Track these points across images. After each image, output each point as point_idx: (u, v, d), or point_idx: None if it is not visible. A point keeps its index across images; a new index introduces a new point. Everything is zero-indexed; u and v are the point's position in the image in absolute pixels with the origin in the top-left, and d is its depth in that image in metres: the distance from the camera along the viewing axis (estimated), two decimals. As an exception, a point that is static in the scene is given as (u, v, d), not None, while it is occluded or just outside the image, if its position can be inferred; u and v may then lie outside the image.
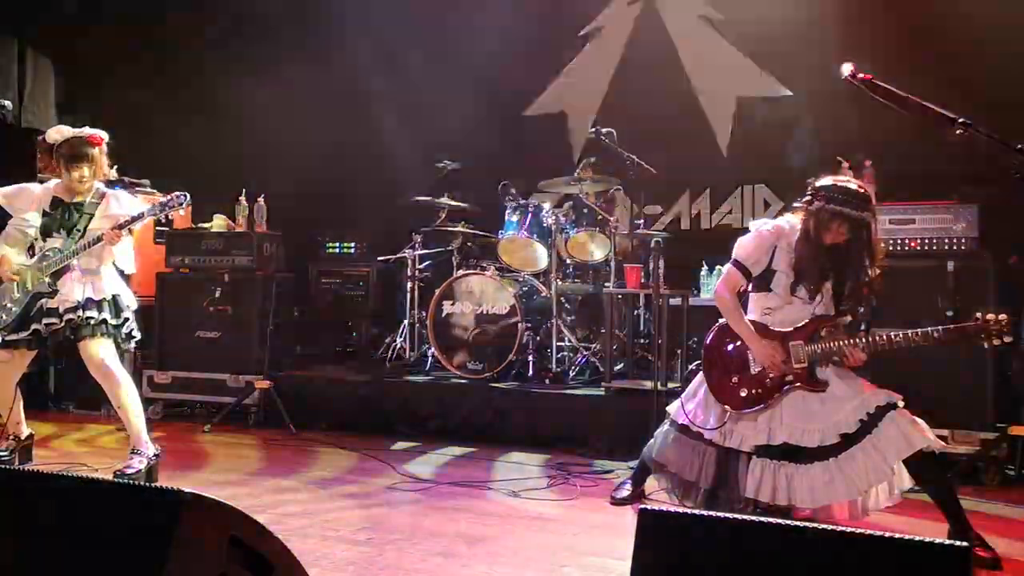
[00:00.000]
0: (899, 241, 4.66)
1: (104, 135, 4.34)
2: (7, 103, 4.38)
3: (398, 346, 6.37)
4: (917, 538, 1.66)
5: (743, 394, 3.58)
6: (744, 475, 3.53)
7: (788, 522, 1.80)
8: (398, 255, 6.61)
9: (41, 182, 4.54)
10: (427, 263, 6.64)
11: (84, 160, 4.25)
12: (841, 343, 3.45)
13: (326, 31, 8.04)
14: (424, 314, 6.11)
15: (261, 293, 6.12)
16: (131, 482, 3.87)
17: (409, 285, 6.44)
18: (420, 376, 6.03)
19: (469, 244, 6.48)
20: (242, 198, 6.39)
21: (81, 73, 7.38)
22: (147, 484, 3.88)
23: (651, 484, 4.13)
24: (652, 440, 3.92)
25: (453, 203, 6.48)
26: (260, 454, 5.21)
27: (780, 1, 6.56)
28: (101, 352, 4.17)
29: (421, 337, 6.31)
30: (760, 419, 3.54)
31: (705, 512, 1.88)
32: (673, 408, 3.84)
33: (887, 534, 1.68)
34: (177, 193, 4.27)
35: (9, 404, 4.42)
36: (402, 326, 6.43)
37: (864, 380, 3.52)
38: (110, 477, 4.25)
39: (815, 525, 1.77)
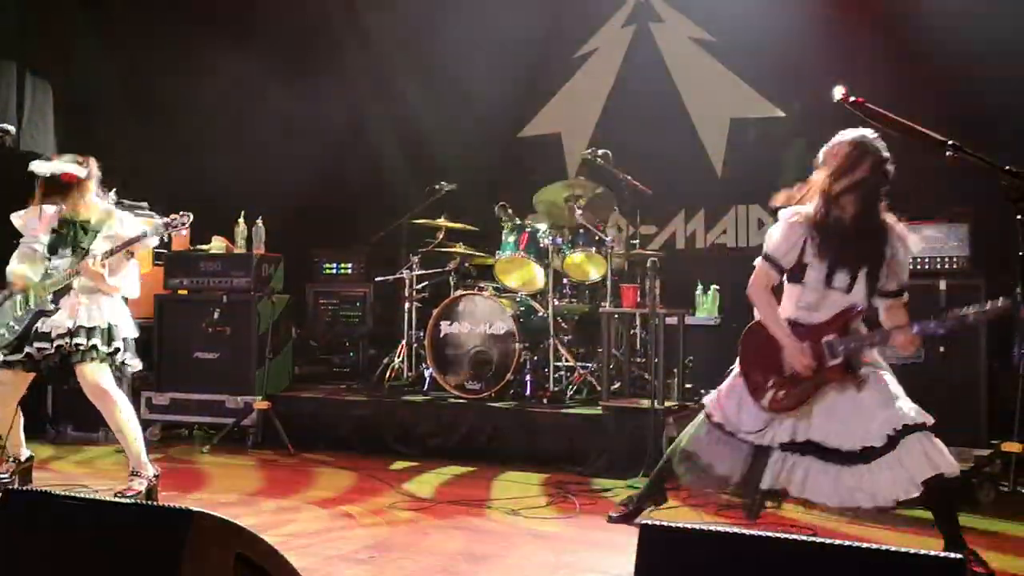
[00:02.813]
0: (892, 260, 4.71)
1: (79, 172, 4.30)
2: (10, 128, 4.39)
3: (396, 366, 6.40)
4: (914, 550, 1.70)
5: (780, 395, 3.45)
6: (764, 469, 3.46)
7: (786, 536, 1.84)
8: (395, 276, 6.65)
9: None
10: (424, 283, 6.68)
11: (58, 195, 4.29)
12: (881, 332, 3.34)
13: (325, 56, 8.12)
14: (422, 334, 6.14)
15: (259, 314, 6.15)
16: (142, 502, 3.89)
17: (407, 305, 6.48)
18: (418, 396, 6.05)
19: (466, 264, 6.52)
20: (240, 220, 6.43)
21: (79, 96, 7.42)
22: (155, 504, 3.89)
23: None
24: (686, 430, 3.79)
25: (450, 224, 6.53)
26: (259, 474, 5.22)
27: (772, 23, 6.66)
28: (96, 375, 4.17)
29: (419, 357, 6.34)
30: (788, 416, 3.45)
31: (706, 527, 1.92)
32: (709, 401, 3.71)
33: (884, 547, 1.71)
34: (181, 213, 4.28)
35: (9, 425, 4.42)
36: (400, 346, 6.46)
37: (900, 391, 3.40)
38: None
39: (814, 539, 1.81)
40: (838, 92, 2.66)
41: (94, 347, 4.17)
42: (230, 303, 6.16)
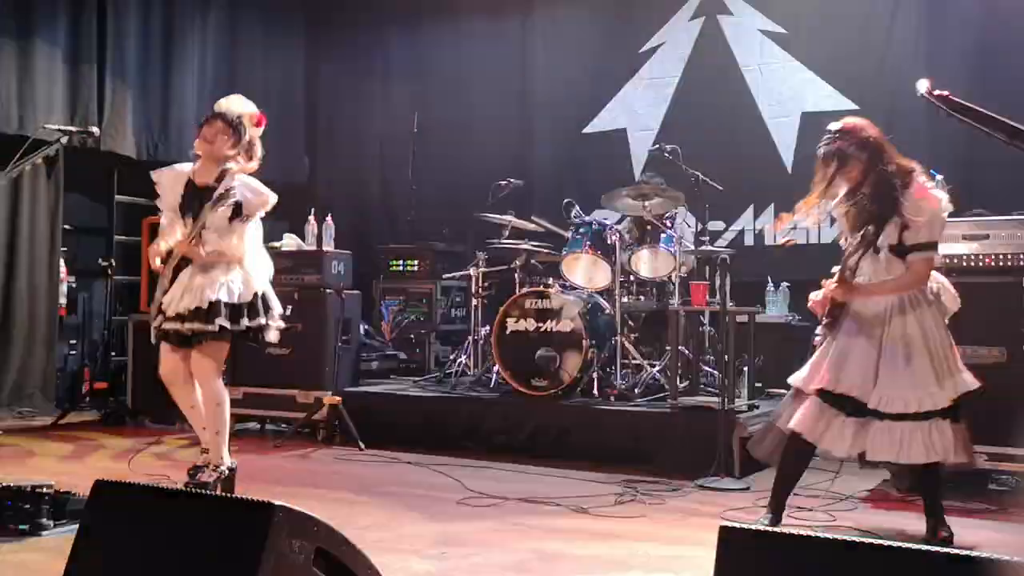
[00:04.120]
0: (973, 257, 4.58)
1: (260, 122, 4.29)
2: (94, 130, 4.54)
3: (462, 363, 6.44)
4: (1000, 556, 1.64)
5: None
6: None
7: (876, 541, 1.79)
8: (462, 272, 6.68)
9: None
10: (491, 280, 6.70)
11: (218, 119, 4.19)
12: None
13: (393, 56, 8.21)
14: (488, 331, 6.16)
15: (329, 311, 6.24)
16: (224, 495, 3.97)
17: (473, 302, 6.51)
18: (485, 393, 6.08)
19: (532, 261, 6.52)
20: (311, 218, 6.53)
21: (157, 96, 7.62)
22: (239, 497, 3.95)
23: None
24: None
25: (516, 221, 6.53)
26: (330, 468, 5.30)
27: (846, 15, 6.54)
28: (206, 360, 4.17)
29: (485, 354, 6.36)
30: None
31: (787, 529, 1.89)
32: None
33: (971, 552, 1.66)
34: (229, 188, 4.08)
35: (189, 405, 4.30)
36: (466, 343, 6.49)
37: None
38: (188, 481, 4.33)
39: (895, 543, 1.77)
40: (922, 86, 2.59)
41: (222, 329, 4.08)
42: (301, 300, 6.24)
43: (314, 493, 4.56)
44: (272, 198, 4.23)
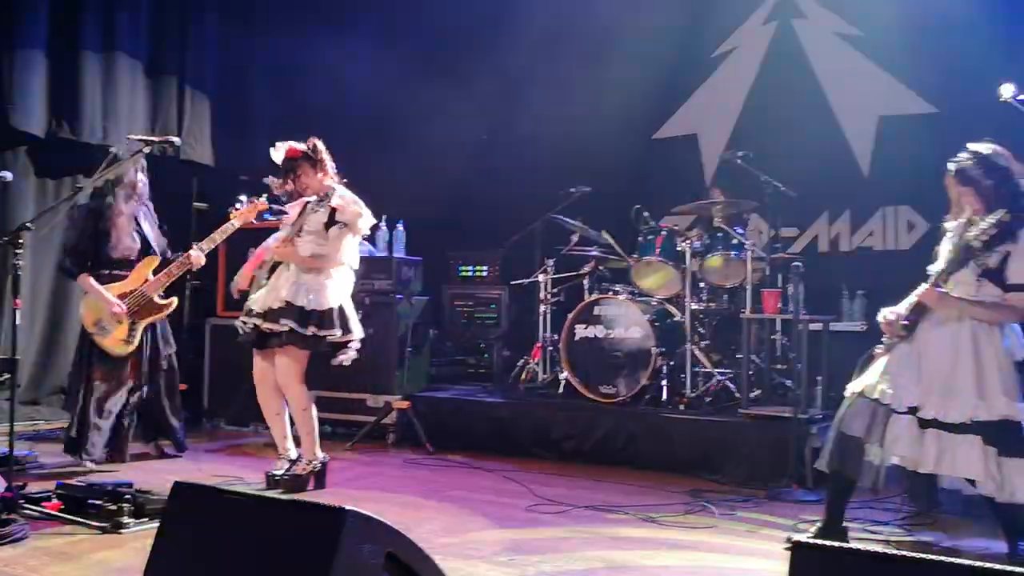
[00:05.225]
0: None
1: (299, 146, 4.63)
2: (176, 140, 4.69)
3: (531, 369, 6.44)
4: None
5: None
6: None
7: (951, 559, 1.74)
8: (530, 278, 6.69)
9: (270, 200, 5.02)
10: (559, 287, 6.69)
11: (287, 175, 4.63)
12: None
13: (465, 58, 8.27)
14: (556, 337, 6.16)
15: (399, 316, 6.31)
16: (297, 499, 4.08)
17: (542, 308, 6.51)
18: (553, 399, 6.08)
19: (601, 268, 6.50)
20: (382, 224, 6.62)
21: (235, 106, 7.81)
22: (311, 501, 4.04)
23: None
24: None
25: (585, 227, 6.51)
26: (400, 473, 5.36)
27: (923, 15, 6.36)
28: (286, 365, 4.53)
29: (553, 360, 6.36)
30: None
31: (861, 547, 1.85)
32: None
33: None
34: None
35: (273, 412, 4.71)
36: (535, 349, 6.49)
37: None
38: (264, 487, 4.51)
39: (977, 563, 1.72)
40: (1006, 90, 2.51)
41: (294, 331, 4.44)
42: (372, 305, 6.34)
43: (383, 497, 4.62)
44: (366, 213, 4.60)
